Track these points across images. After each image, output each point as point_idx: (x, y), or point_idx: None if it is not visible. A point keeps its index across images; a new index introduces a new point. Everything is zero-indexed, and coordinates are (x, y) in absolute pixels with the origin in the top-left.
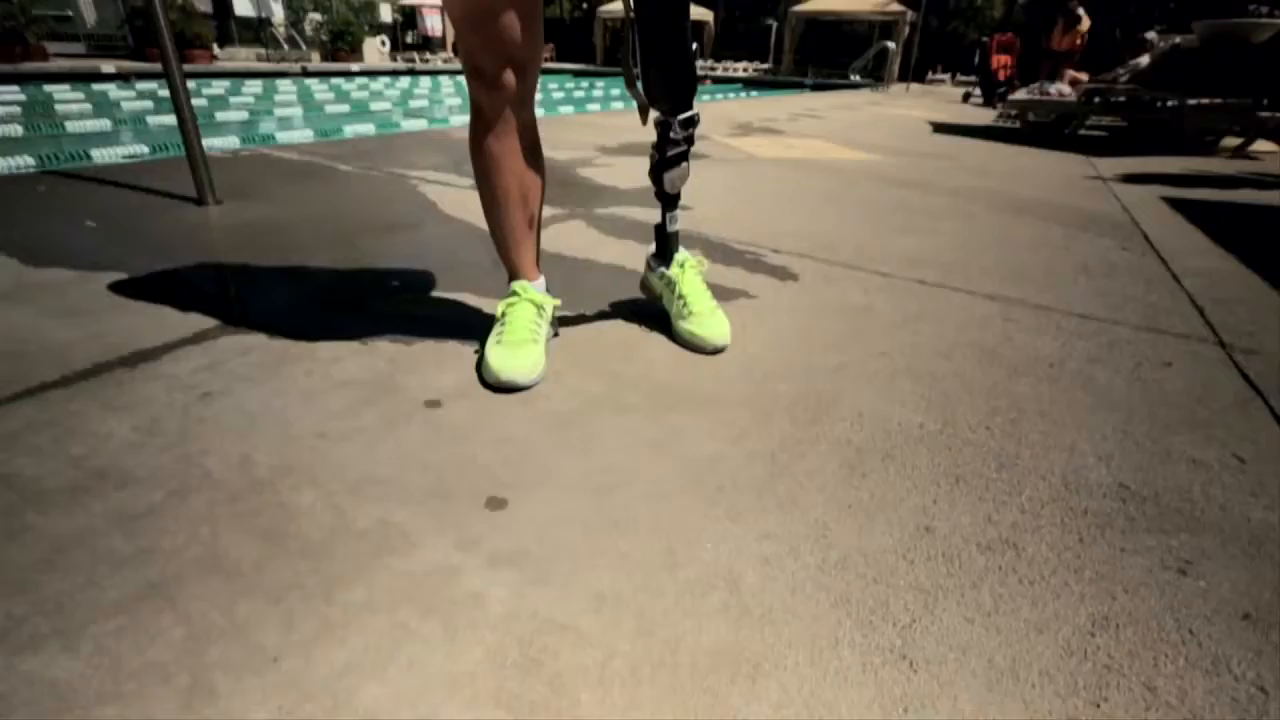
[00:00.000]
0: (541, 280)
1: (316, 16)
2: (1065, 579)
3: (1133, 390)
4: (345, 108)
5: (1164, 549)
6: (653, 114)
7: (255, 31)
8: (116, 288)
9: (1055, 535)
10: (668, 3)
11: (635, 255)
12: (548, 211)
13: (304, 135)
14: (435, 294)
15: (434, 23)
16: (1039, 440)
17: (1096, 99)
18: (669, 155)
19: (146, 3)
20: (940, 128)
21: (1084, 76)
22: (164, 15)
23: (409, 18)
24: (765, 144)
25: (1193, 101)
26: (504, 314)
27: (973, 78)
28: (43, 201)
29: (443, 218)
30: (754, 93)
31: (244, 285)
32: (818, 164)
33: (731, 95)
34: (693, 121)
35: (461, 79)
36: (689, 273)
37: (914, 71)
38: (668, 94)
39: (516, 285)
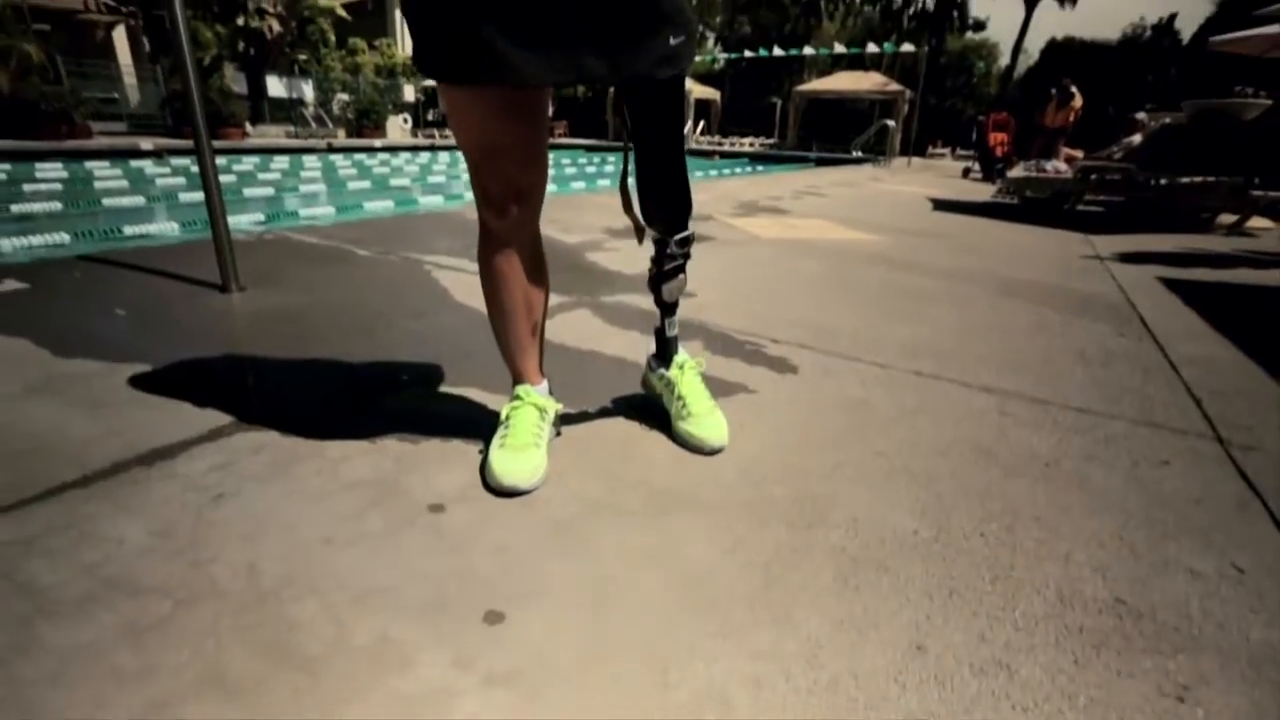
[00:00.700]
0: (544, 384)
1: (344, 97)
2: (1059, 706)
3: (1129, 491)
4: (366, 184)
5: (1161, 672)
6: (650, 233)
7: (287, 110)
8: (139, 381)
9: (1050, 656)
10: (664, 131)
11: (638, 347)
12: (554, 300)
13: (326, 211)
14: (443, 389)
15: None
16: (1033, 549)
17: (1092, 176)
18: (666, 269)
19: (184, 87)
20: (939, 204)
21: (1079, 154)
22: (200, 104)
23: (431, 96)
24: (768, 224)
25: (1186, 180)
26: (508, 417)
27: (972, 152)
28: (78, 288)
29: (453, 306)
30: (760, 167)
31: (260, 379)
32: (819, 245)
33: (738, 170)
34: (689, 240)
35: None
36: (688, 374)
37: (915, 146)
38: (664, 218)
39: (520, 389)
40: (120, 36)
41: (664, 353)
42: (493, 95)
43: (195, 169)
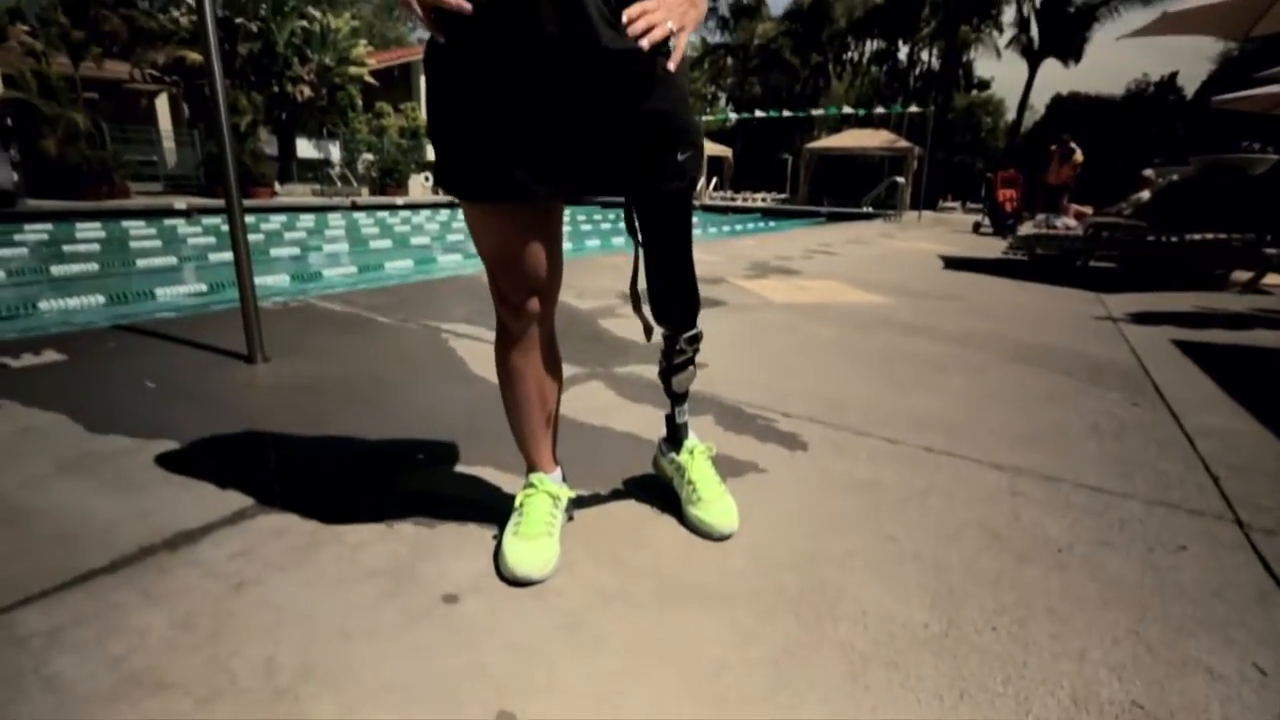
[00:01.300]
0: (558, 471)
1: (369, 156)
2: None
3: (1145, 580)
4: (388, 243)
5: None
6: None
7: (314, 170)
8: (167, 459)
9: None
10: (671, 236)
11: (650, 421)
12: (567, 371)
13: (349, 271)
14: (458, 468)
15: None
16: (1047, 645)
17: (1103, 234)
18: (675, 364)
19: (220, 150)
20: (950, 262)
21: (1089, 210)
22: (235, 176)
23: None
24: (779, 286)
25: (1198, 236)
26: (521, 505)
27: (981, 206)
28: (112, 359)
29: (469, 378)
30: (772, 223)
31: (281, 456)
32: (830, 309)
33: (750, 226)
34: (697, 338)
35: None
36: (698, 459)
37: (925, 200)
38: (673, 317)
39: (534, 477)
40: (162, 103)
41: (674, 437)
42: (510, 210)
43: (225, 228)
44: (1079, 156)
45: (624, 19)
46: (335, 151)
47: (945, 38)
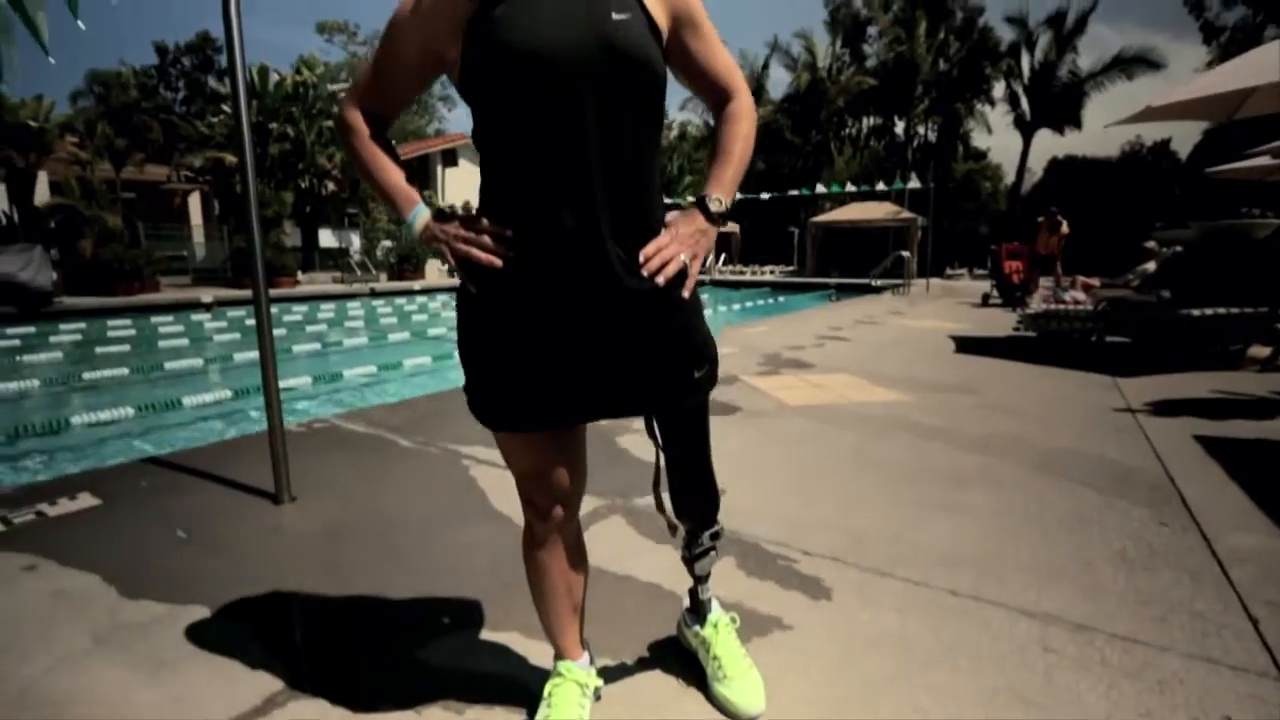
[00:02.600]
0: (585, 656)
1: (387, 244)
2: None
3: None
4: (406, 334)
5: None
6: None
7: (335, 258)
8: (198, 633)
9: None
10: (690, 442)
11: (674, 568)
12: (585, 505)
13: (368, 370)
14: (485, 634)
15: None
16: None
17: (1114, 311)
18: (696, 554)
19: (249, 245)
20: (962, 344)
21: (1095, 282)
22: (266, 321)
23: None
24: (793, 386)
25: (1209, 312)
26: (550, 695)
27: (988, 273)
28: (144, 501)
29: (490, 515)
30: (781, 298)
31: (310, 624)
32: (845, 412)
33: (760, 303)
34: (718, 534)
35: None
36: (722, 633)
37: (932, 267)
38: (694, 516)
39: (561, 666)
40: (195, 201)
41: (697, 609)
42: (537, 434)
43: (249, 321)
44: (1065, 229)
45: (641, 258)
46: (355, 240)
47: (940, 115)
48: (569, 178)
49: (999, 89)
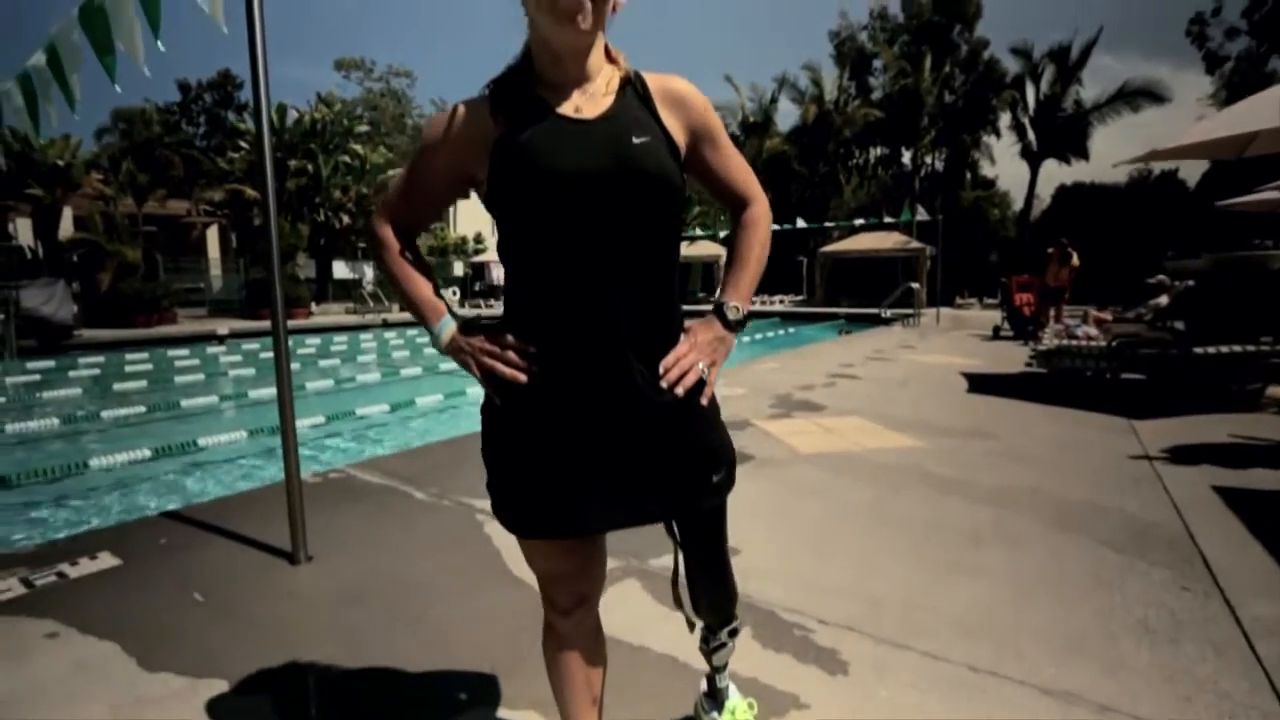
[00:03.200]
0: None
1: None
2: None
3: None
4: (418, 369)
5: None
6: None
7: (348, 289)
8: (216, 708)
9: None
10: (708, 542)
11: (691, 639)
12: None
13: (382, 409)
14: (502, 713)
15: (499, 274)
16: None
17: (1128, 350)
18: (713, 648)
19: (269, 281)
20: (974, 382)
21: (1108, 316)
22: (285, 367)
23: (478, 270)
24: (805, 431)
25: (1225, 349)
26: None
27: (998, 300)
28: (162, 561)
29: (508, 580)
30: (791, 329)
31: (326, 702)
32: (859, 460)
33: (770, 334)
34: (735, 631)
35: None
36: None
37: (941, 297)
38: (712, 613)
39: None
40: (213, 234)
41: (715, 696)
42: (558, 540)
43: (264, 355)
44: (1075, 261)
45: (660, 368)
46: (368, 271)
47: (947, 145)
48: (590, 292)
49: (1005, 119)
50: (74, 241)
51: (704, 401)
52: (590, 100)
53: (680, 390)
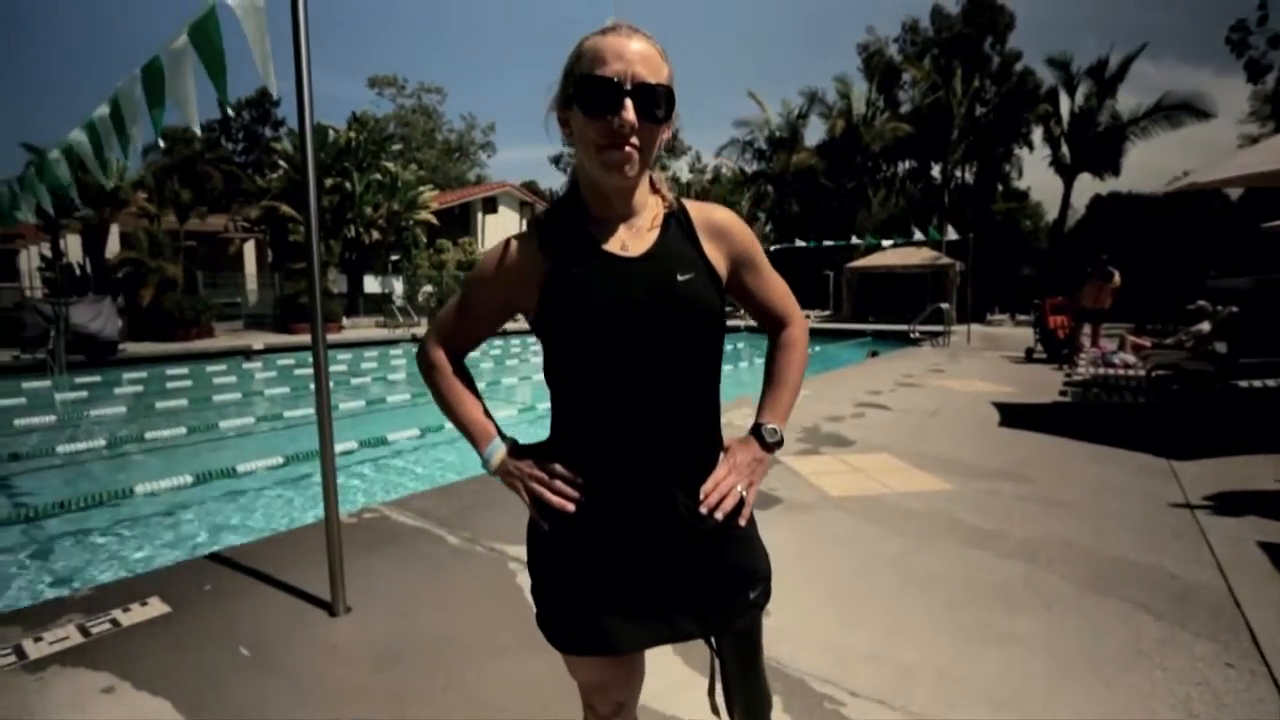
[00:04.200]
0: None
1: (429, 288)
2: None
3: None
4: None
5: None
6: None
7: (378, 304)
8: None
9: None
10: (744, 652)
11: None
12: None
13: (412, 434)
14: None
15: None
16: None
17: (1166, 380)
18: None
19: (309, 296)
20: (1006, 414)
21: (1147, 343)
22: (325, 391)
23: None
24: (834, 470)
25: (1273, 383)
26: None
27: (1030, 317)
28: (208, 606)
29: (539, 644)
30: (817, 347)
31: None
32: (888, 505)
33: None
34: None
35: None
36: None
37: (972, 313)
38: (747, 717)
39: None
40: (249, 248)
41: None
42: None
43: (298, 371)
44: (1117, 280)
45: (701, 493)
46: (398, 286)
47: (977, 159)
48: (635, 422)
49: (1037, 133)
50: (120, 261)
51: (742, 523)
52: (636, 236)
53: (720, 515)
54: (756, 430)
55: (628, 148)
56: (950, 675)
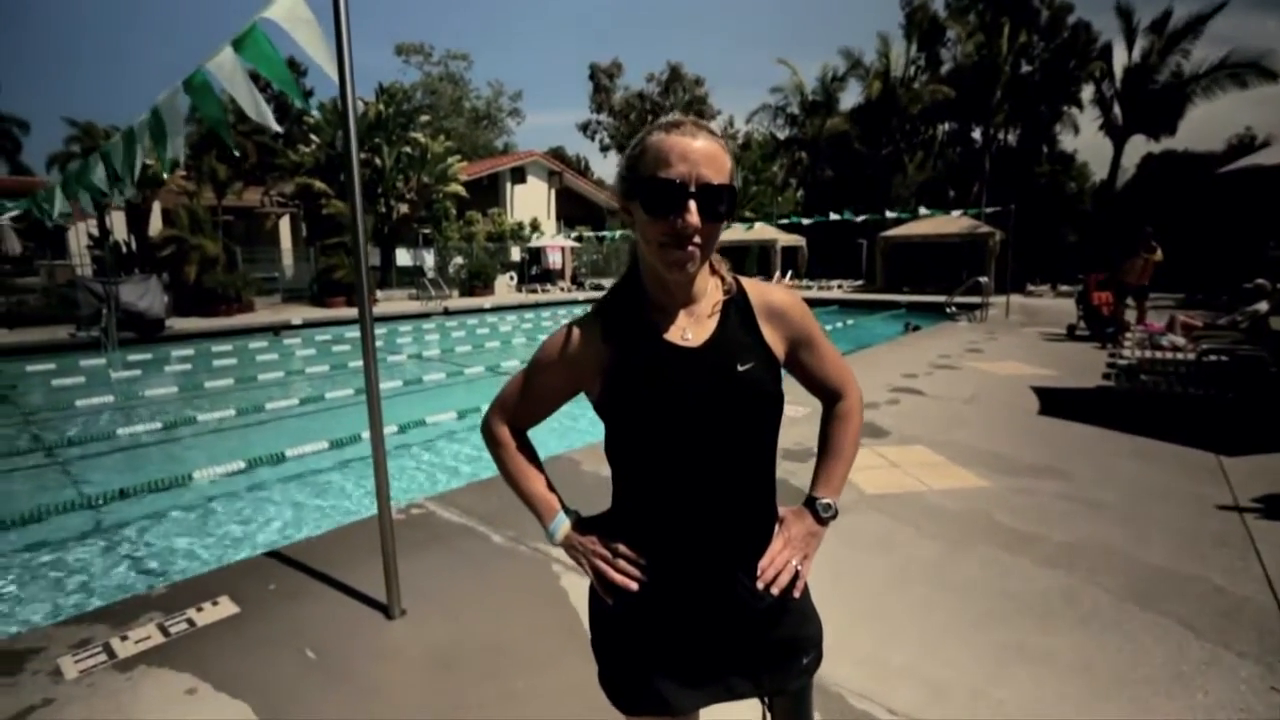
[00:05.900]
0: None
1: (459, 260)
2: None
3: None
4: (480, 369)
5: None
6: None
7: (410, 276)
8: None
9: None
10: (794, 713)
11: None
12: None
13: (449, 417)
14: None
15: (555, 258)
16: None
17: (1217, 365)
18: None
19: (353, 272)
20: (1046, 400)
21: (1198, 322)
22: (373, 369)
23: (534, 255)
24: (869, 464)
25: None
26: None
27: (1072, 289)
28: (273, 606)
29: (584, 649)
30: (850, 319)
31: None
32: (925, 505)
33: (828, 327)
34: None
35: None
36: None
37: (1012, 283)
38: None
39: None
40: (285, 224)
41: None
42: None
43: (335, 348)
44: (1159, 255)
45: (758, 569)
46: (429, 258)
47: (1021, 120)
48: (695, 506)
49: (1088, 92)
50: (163, 239)
51: (796, 595)
52: (696, 324)
53: (775, 590)
54: (811, 504)
55: (690, 247)
56: (984, 694)
